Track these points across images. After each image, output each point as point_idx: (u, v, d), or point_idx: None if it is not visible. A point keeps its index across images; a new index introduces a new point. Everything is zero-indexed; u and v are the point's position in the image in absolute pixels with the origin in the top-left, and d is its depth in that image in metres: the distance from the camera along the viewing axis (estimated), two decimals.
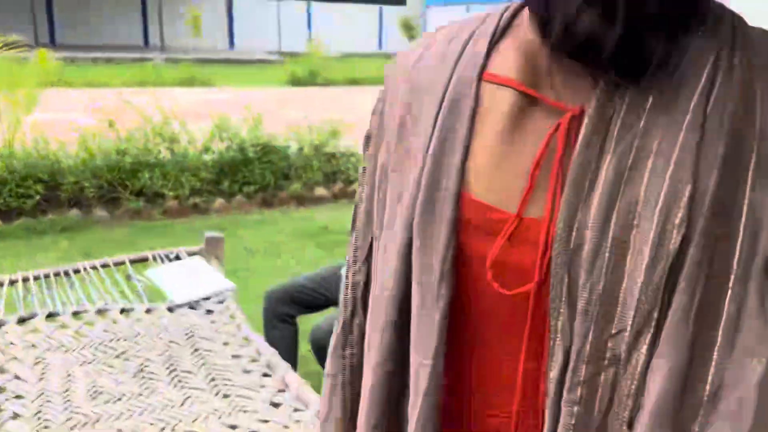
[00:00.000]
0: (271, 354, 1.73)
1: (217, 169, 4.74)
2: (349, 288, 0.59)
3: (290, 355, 2.11)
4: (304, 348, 2.35)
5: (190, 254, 2.44)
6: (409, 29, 25.03)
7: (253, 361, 1.74)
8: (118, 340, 1.83)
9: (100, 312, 1.99)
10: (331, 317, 2.02)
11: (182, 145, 4.75)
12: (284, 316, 2.21)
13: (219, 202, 4.70)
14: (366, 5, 30.47)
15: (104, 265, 2.29)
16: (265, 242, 4.11)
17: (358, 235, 0.59)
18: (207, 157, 4.76)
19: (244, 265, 3.66)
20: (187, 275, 2.24)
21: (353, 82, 13.16)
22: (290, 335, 2.20)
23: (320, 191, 5.12)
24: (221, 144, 4.91)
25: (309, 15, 29.16)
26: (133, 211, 4.35)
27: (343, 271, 0.62)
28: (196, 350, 1.80)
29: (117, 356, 1.74)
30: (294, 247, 4.09)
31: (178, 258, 2.39)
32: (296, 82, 12.55)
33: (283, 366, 1.65)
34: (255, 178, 4.86)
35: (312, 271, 3.52)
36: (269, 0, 27.32)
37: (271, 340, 2.00)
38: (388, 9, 30.51)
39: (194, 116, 4.99)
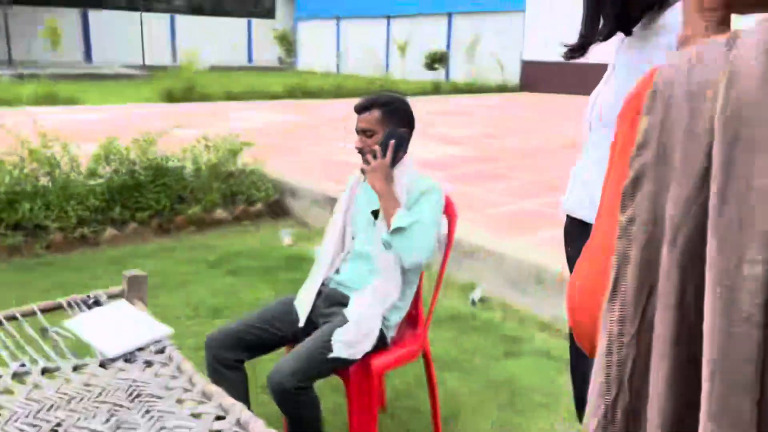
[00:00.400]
0: (240, 409, 1.53)
1: (106, 196, 4.31)
2: (613, 367, 0.47)
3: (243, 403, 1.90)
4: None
5: (111, 297, 2.15)
6: (287, 43, 24.73)
7: (219, 418, 1.53)
8: (48, 409, 1.54)
9: (18, 376, 1.67)
10: (291, 358, 1.85)
11: (64, 171, 4.28)
12: (231, 362, 2.00)
13: (110, 231, 4.28)
14: (233, 18, 29.80)
15: (9, 318, 1.95)
16: (169, 274, 3.78)
17: (626, 303, 0.47)
18: (94, 183, 4.32)
19: (151, 301, 3.32)
20: (114, 323, 1.96)
21: (231, 97, 12.73)
22: (240, 381, 1.99)
23: (221, 214, 4.83)
24: (108, 167, 4.48)
25: (173, 28, 27.96)
26: (11, 247, 3.83)
27: (298, 306, 0.51)
28: (147, 412, 1.55)
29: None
30: (203, 276, 3.80)
31: (97, 303, 2.09)
32: (170, 97, 11.91)
33: (260, 424, 1.46)
34: (149, 203, 4.48)
35: (228, 300, 3.32)
36: (129, 12, 25.86)
37: None
38: (257, 22, 30.02)
39: (68, 137, 4.51)
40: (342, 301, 2.07)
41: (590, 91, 1.36)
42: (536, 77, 16.71)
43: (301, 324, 2.07)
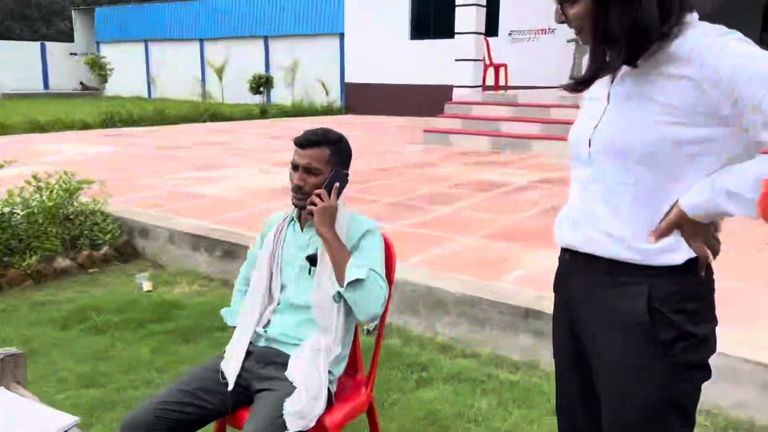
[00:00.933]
0: None
1: None
2: None
3: None
4: None
5: None
6: (98, 67, 22.73)
7: None
8: None
9: None
10: None
11: None
12: None
13: None
14: (24, 42, 26.88)
15: None
16: (12, 342, 3.19)
17: None
18: None
19: None
20: (4, 417, 1.56)
21: (36, 127, 11.37)
22: None
23: (62, 263, 4.21)
24: None
25: None
26: None
27: (225, 369, 0.41)
28: None
29: None
30: (58, 340, 3.26)
31: None
32: None
33: None
34: None
35: (100, 365, 2.84)
36: None
37: None
38: (52, 45, 27.32)
39: None
40: (277, 360, 1.86)
41: (406, 111, 1.29)
42: (359, 99, 17.12)
43: (230, 387, 1.82)
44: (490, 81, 11.13)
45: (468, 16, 10.22)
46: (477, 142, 9.11)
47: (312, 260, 1.90)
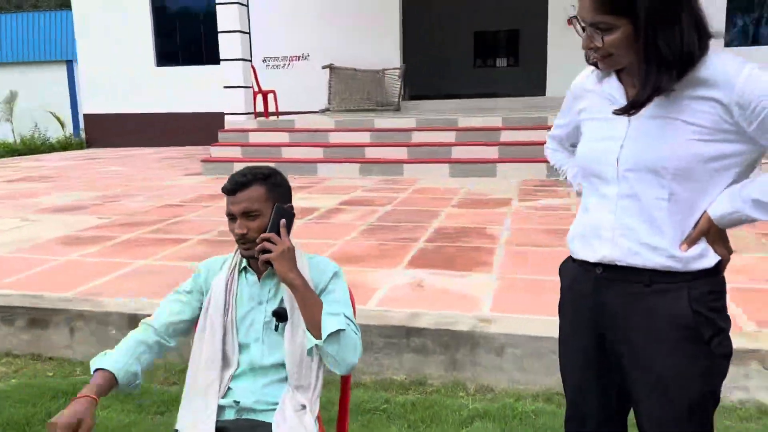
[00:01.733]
0: None
1: None
2: None
3: None
4: None
5: None
6: None
7: None
8: None
9: None
10: None
11: None
12: None
13: None
14: None
15: None
16: None
17: None
18: None
19: None
20: None
21: None
22: None
23: None
24: None
25: None
26: None
27: None
28: None
29: None
30: None
31: None
32: None
33: None
34: None
35: None
36: None
37: None
38: None
39: None
40: (259, 431, 1.64)
41: (167, 141, 1.30)
42: (103, 131, 15.65)
43: None
44: (259, 107, 11.07)
45: (233, 43, 10.05)
46: None
47: (280, 315, 1.71)
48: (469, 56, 19.91)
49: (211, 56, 14.34)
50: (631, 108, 1.31)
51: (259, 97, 10.83)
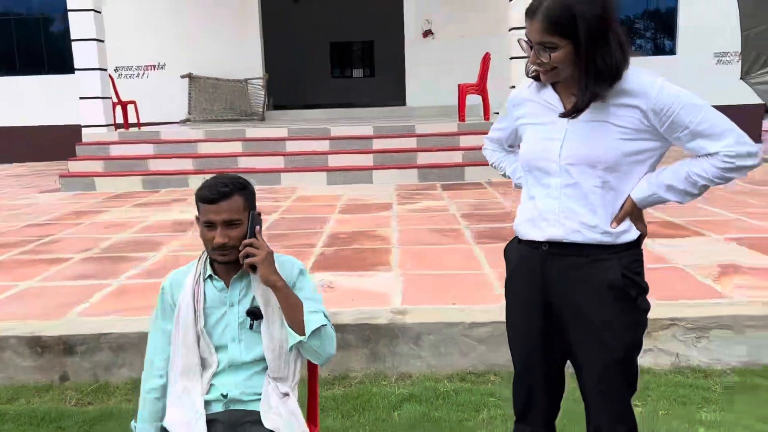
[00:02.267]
0: None
1: None
2: None
3: None
4: None
5: None
6: None
7: None
8: None
9: None
10: None
11: None
12: None
13: None
14: None
15: None
16: None
17: None
18: None
19: None
20: None
21: None
22: None
23: None
24: None
25: None
26: None
27: None
28: None
29: None
30: None
31: None
32: None
33: None
34: None
35: None
36: None
37: None
38: None
39: None
40: (248, 419, 1.76)
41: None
42: None
43: None
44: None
45: (88, 52, 9.52)
46: (128, 182, 8.60)
47: (255, 314, 1.82)
48: (326, 66, 20.27)
49: (55, 65, 13.41)
50: (575, 111, 1.60)
51: (119, 108, 10.32)
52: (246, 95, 12.82)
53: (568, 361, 1.81)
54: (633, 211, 1.65)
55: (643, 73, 1.60)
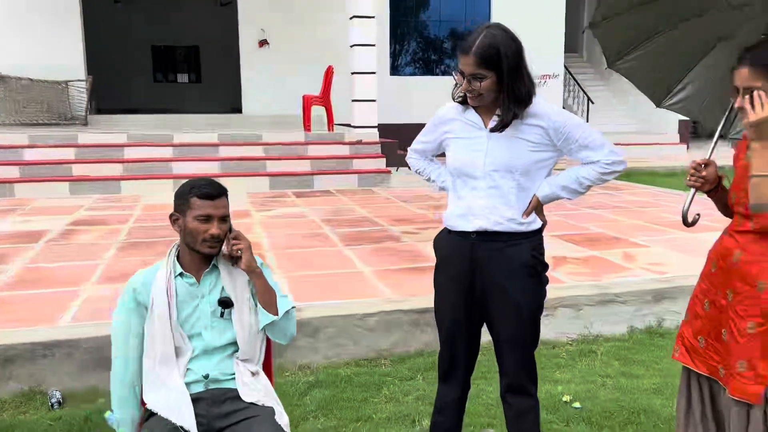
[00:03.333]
0: None
1: None
2: None
3: None
4: None
5: None
6: None
7: None
8: None
9: None
10: None
11: None
12: None
13: None
14: None
15: None
16: None
17: None
18: None
19: None
20: None
21: None
22: None
23: None
24: None
25: None
26: None
27: (181, 422, 1.03)
28: None
29: None
30: None
31: None
32: None
33: None
34: None
35: None
36: None
37: None
38: None
39: None
40: (229, 396, 1.97)
41: None
42: None
43: None
44: None
45: None
46: None
47: (227, 303, 2.01)
48: (148, 71, 19.41)
49: None
50: (502, 126, 2.04)
51: None
52: (66, 98, 11.96)
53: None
54: (538, 206, 2.13)
55: (544, 102, 2.10)
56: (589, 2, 18.05)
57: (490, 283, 2.14)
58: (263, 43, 12.98)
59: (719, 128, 2.27)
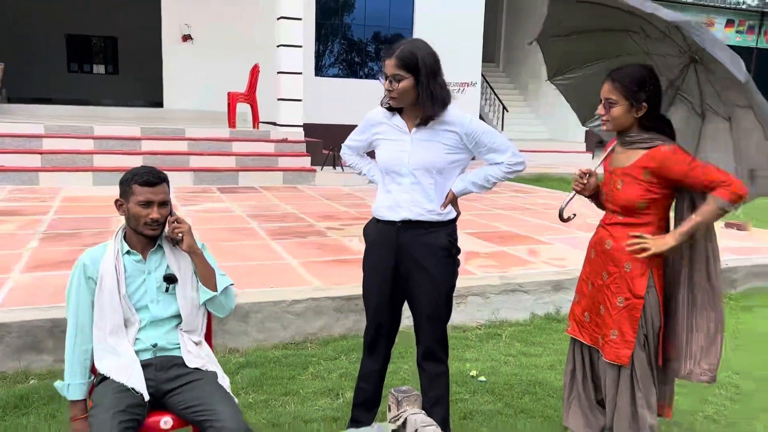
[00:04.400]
0: None
1: None
2: None
3: None
4: None
5: None
6: None
7: None
8: None
9: None
10: (227, 414, 1.94)
11: None
12: None
13: None
14: None
15: None
16: None
17: None
18: None
19: None
20: None
21: None
22: None
23: None
24: None
25: None
26: None
27: (132, 384, 1.35)
28: None
29: None
30: None
31: None
32: None
33: None
34: None
35: None
36: None
37: None
38: None
39: None
40: (176, 363, 2.19)
41: None
42: None
43: (147, 398, 2.06)
44: None
45: None
46: None
47: (172, 279, 2.23)
48: (62, 60, 18.71)
49: None
50: (423, 123, 2.36)
51: None
52: None
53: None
54: (453, 199, 2.48)
55: (459, 111, 2.45)
56: (507, 15, 18.99)
57: (413, 264, 2.46)
58: (187, 37, 12.90)
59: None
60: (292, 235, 5.70)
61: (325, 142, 10.51)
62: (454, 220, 2.53)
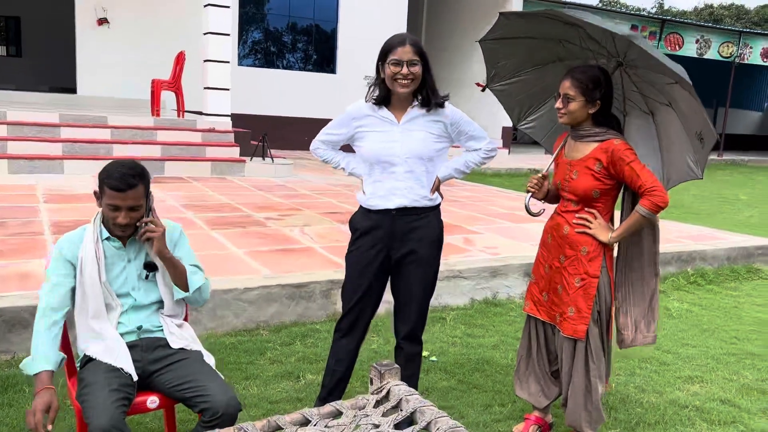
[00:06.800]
0: None
1: None
2: None
3: None
4: None
5: None
6: None
7: None
8: None
9: None
10: (216, 389, 1.96)
11: None
12: None
13: None
14: None
15: None
16: None
17: None
18: None
19: None
20: None
21: None
22: None
23: None
24: None
25: None
26: None
27: (120, 364, 1.54)
28: None
29: None
30: None
31: None
32: None
33: None
34: None
35: None
36: None
37: None
38: None
39: None
40: (160, 344, 2.23)
41: None
42: None
43: (135, 378, 2.09)
44: None
45: None
46: None
47: (151, 266, 2.25)
48: None
49: None
50: (428, 105, 2.49)
51: None
52: None
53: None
54: (439, 185, 2.64)
55: (449, 105, 2.59)
56: (428, 8, 19.37)
57: (406, 250, 2.60)
58: (102, 21, 12.35)
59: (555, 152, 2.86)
60: (231, 226, 5.68)
61: (253, 133, 10.40)
62: (439, 204, 2.69)
